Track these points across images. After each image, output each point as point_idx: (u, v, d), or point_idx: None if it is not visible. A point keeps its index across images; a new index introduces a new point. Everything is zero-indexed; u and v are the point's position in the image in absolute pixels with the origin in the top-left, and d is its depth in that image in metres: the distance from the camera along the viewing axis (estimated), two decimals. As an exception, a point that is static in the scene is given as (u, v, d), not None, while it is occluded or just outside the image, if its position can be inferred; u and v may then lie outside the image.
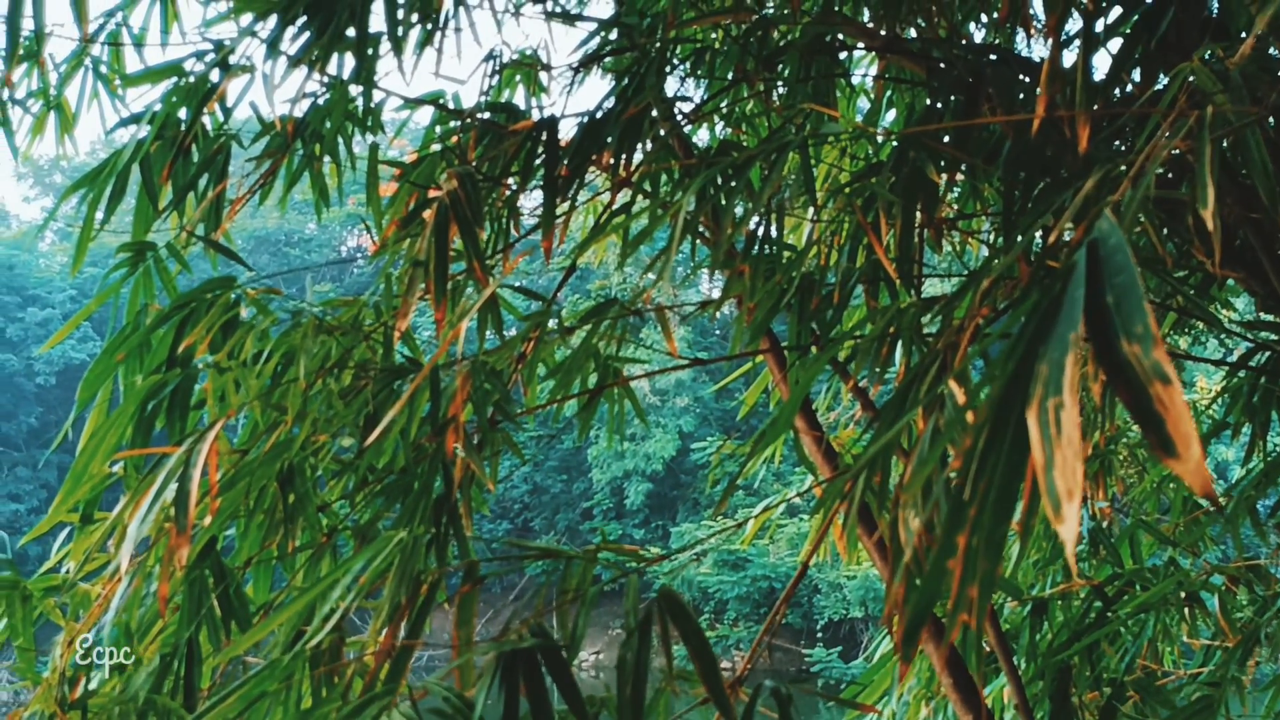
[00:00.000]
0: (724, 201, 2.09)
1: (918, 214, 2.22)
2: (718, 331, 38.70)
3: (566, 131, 2.45)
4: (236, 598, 2.16)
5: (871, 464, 1.79)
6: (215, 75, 2.61)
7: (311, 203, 3.01)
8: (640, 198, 2.55)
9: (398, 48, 2.54)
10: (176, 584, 2.05)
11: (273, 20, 2.40)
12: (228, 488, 2.05)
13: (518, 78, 3.41)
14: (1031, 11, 2.60)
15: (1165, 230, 2.51)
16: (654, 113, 2.34)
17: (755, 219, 2.31)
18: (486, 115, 2.63)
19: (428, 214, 2.16)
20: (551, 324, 2.36)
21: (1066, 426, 0.81)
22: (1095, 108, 2.13)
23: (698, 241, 2.78)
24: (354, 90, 2.67)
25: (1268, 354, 2.98)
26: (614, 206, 2.44)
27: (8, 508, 38.53)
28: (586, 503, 37.65)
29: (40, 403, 42.49)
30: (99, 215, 2.70)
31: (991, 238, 3.07)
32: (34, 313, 42.44)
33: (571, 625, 1.68)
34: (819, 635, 31.80)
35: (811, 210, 2.61)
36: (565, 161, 2.36)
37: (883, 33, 2.55)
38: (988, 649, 3.20)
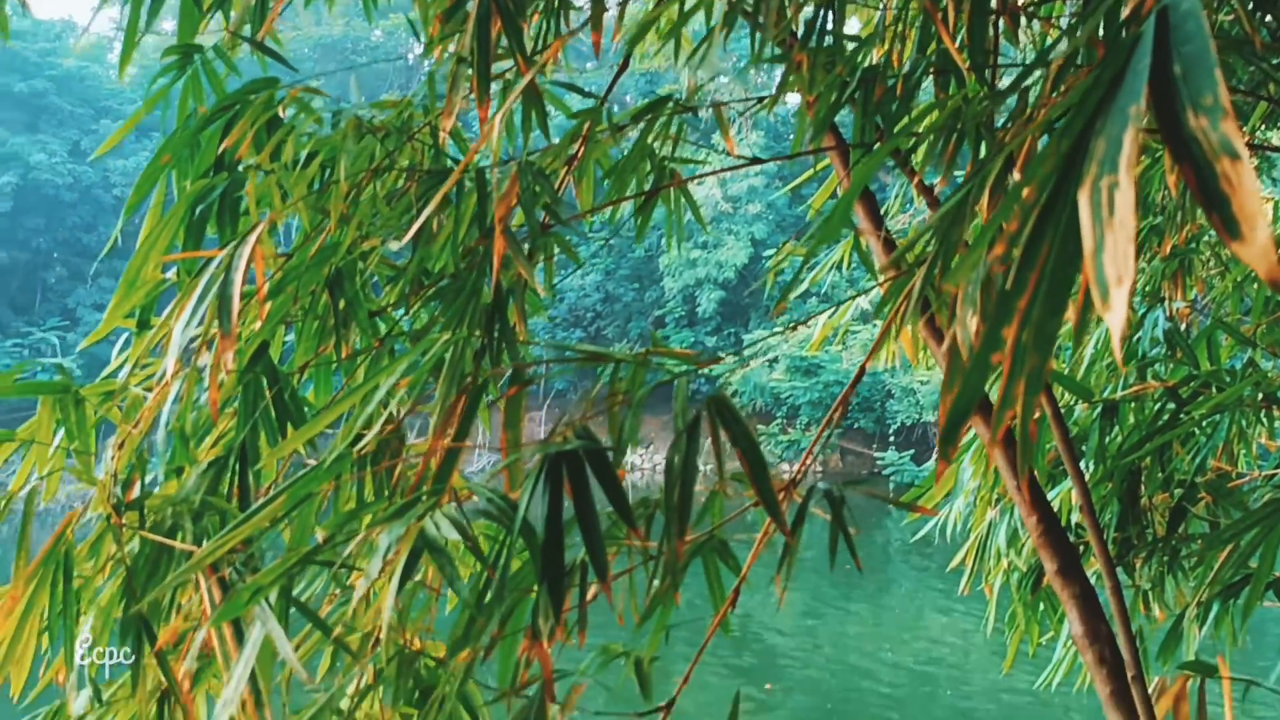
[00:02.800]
0: (780, -14, 1.97)
1: (992, 0, 2.09)
2: (791, 136, 37.91)
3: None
4: (293, 402, 2.17)
5: (933, 261, 1.72)
6: None
7: (373, 6, 2.91)
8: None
9: None
10: (229, 388, 2.05)
11: None
12: (275, 292, 2.03)
13: None
14: None
15: (1259, 13, 2.34)
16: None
17: (813, 7, 2.18)
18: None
19: (472, 6, 2.07)
20: (603, 123, 2.28)
21: (1120, 207, 0.74)
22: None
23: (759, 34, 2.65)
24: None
25: (1364, 145, 2.81)
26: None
27: (93, 317, 39.64)
28: (659, 310, 37.78)
29: (118, 214, 43.11)
30: (143, 17, 2.63)
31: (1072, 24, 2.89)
32: (107, 125, 42.81)
33: (620, 428, 1.66)
34: (891, 439, 32.12)
35: (877, -3, 2.46)
36: (614, -52, 2.24)
37: None
38: (1054, 452, 3.15)
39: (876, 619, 16.59)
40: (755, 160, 2.54)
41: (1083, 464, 3.17)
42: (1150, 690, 2.86)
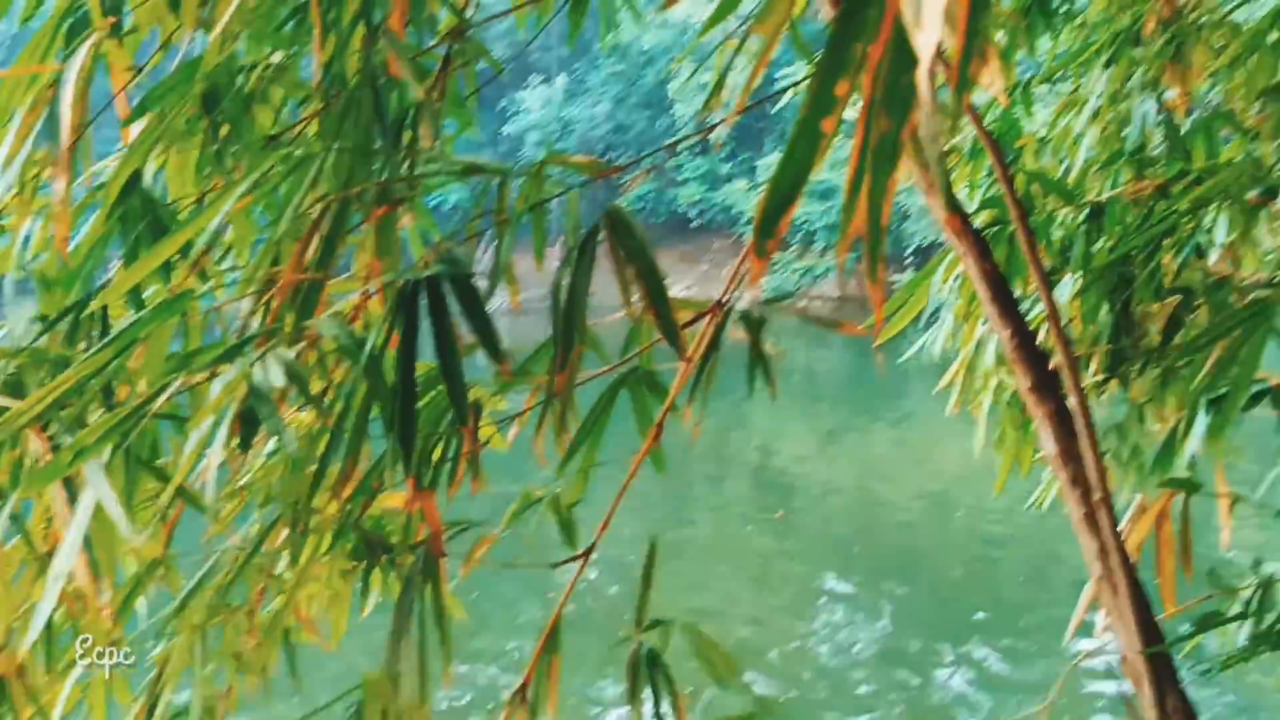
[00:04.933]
0: None
1: None
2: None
3: None
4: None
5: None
6: None
7: None
8: None
9: None
10: (99, 222, 1.85)
11: None
12: (140, 112, 1.81)
13: None
14: None
15: None
16: None
17: None
18: None
19: None
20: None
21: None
22: None
23: None
24: None
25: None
26: None
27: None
28: (671, 139, 37.07)
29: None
30: None
31: None
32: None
33: (491, 249, 1.45)
34: (907, 260, 31.70)
35: None
36: None
37: None
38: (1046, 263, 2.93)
39: (895, 442, 16.61)
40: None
41: (1069, 272, 2.94)
42: (1132, 509, 2.70)
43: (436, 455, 1.65)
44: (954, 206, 2.03)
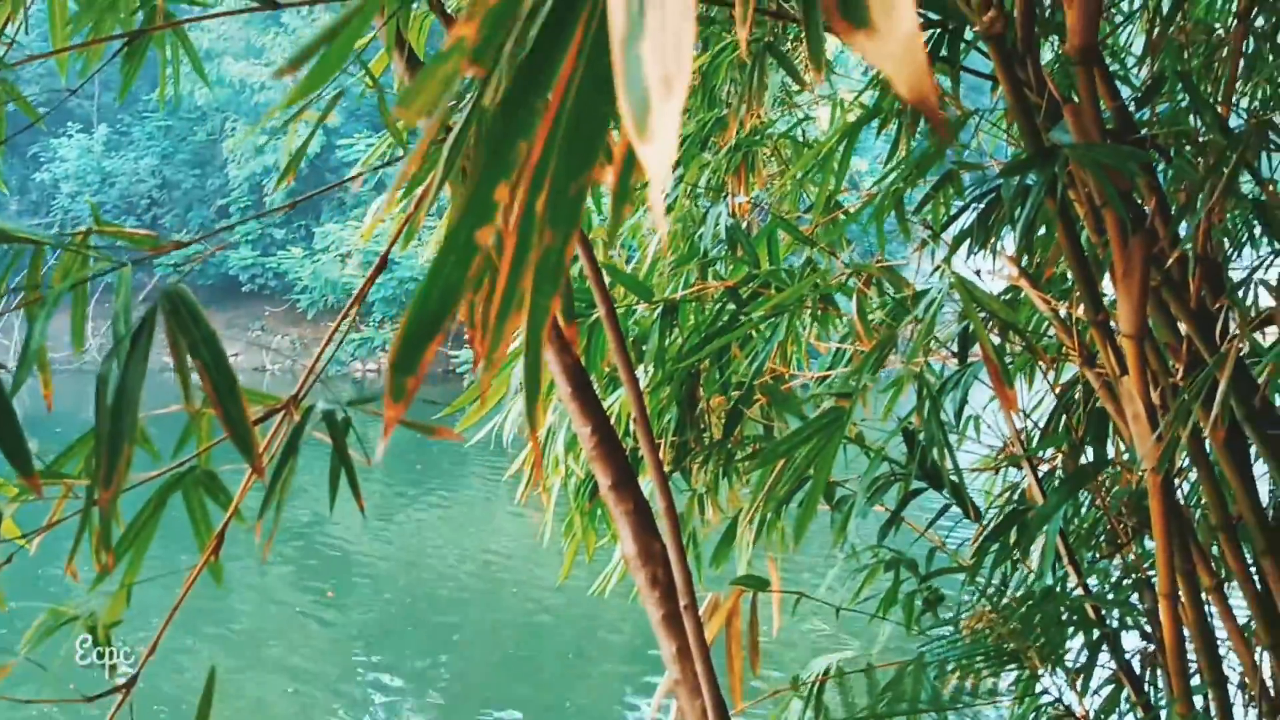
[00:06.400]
0: None
1: None
2: None
3: None
4: None
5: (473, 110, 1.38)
6: None
7: None
8: None
9: None
10: None
11: None
12: None
13: None
14: None
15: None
16: None
17: None
18: None
19: None
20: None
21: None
22: None
23: None
24: None
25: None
26: None
27: None
28: (223, 199, 35.47)
29: None
30: None
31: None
32: None
33: (29, 336, 1.21)
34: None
35: None
36: None
37: None
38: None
39: (447, 522, 16.52)
40: (271, 4, 2.10)
41: (643, 368, 2.98)
42: (703, 608, 2.73)
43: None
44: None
